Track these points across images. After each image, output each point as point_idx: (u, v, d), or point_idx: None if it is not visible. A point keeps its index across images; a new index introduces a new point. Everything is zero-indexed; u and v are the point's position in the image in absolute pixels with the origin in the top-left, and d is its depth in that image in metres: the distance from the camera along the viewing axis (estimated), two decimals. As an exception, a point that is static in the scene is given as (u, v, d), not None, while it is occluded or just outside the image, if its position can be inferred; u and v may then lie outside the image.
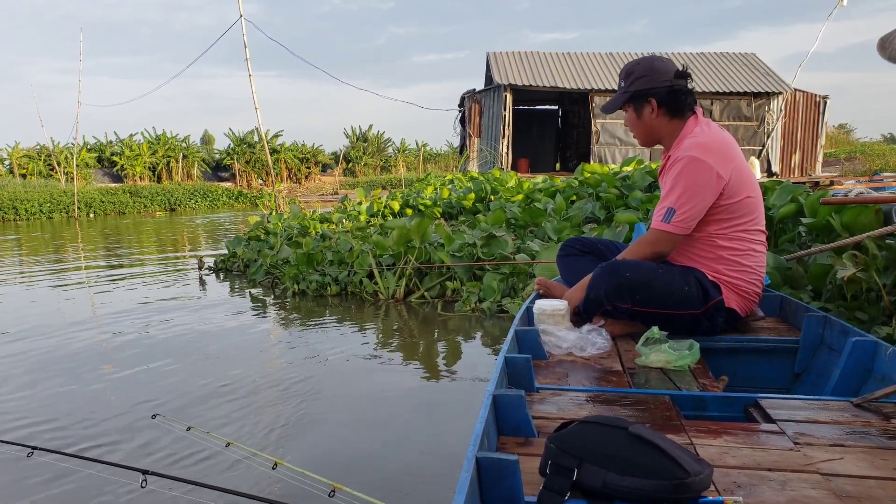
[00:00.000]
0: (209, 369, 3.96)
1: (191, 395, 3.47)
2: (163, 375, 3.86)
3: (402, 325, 5.29)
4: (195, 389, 3.57)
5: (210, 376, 3.79)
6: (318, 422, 3.07)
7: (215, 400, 3.39)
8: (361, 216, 10.21)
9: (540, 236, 6.44)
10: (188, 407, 3.30)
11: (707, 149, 2.21)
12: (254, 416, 3.16)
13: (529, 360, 1.77)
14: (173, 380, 3.77)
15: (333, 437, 2.89)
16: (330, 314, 5.69)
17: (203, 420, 3.10)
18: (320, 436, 2.91)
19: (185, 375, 3.85)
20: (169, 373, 3.91)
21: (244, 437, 2.89)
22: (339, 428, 3.00)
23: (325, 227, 9.47)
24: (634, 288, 2.20)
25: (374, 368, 3.91)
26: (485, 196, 9.40)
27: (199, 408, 3.28)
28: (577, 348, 2.16)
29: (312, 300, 6.25)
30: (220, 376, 3.79)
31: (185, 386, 3.65)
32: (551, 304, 2.30)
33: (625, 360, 2.08)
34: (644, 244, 2.32)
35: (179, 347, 4.50)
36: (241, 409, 3.26)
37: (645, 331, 2.16)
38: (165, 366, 4.07)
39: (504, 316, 5.12)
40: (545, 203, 7.45)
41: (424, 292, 5.92)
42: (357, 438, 2.86)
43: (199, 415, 3.17)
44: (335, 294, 6.36)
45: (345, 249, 6.87)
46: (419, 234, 6.01)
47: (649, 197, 6.31)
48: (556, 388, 1.81)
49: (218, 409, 3.25)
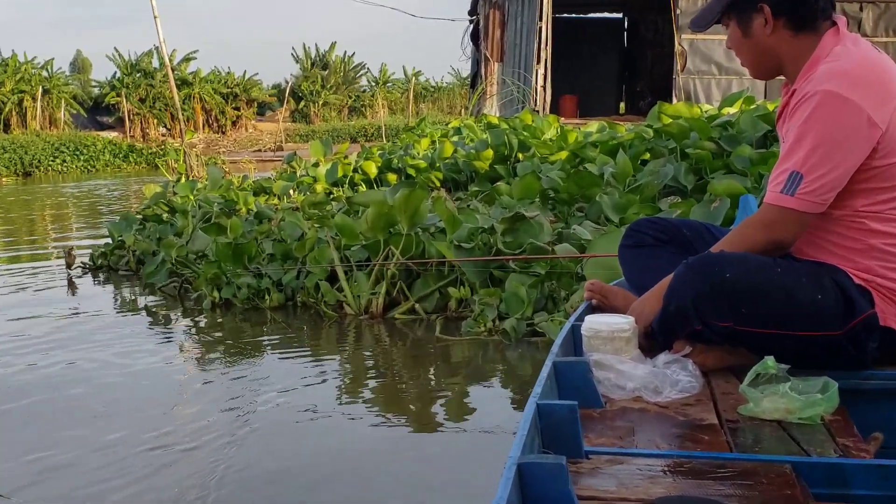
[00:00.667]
0: (70, 431, 3.92)
1: (36, 475, 3.43)
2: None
3: (381, 354, 5.28)
4: (42, 465, 3.51)
5: (69, 444, 3.74)
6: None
7: (77, 482, 3.35)
8: (318, 185, 10.22)
9: (593, 217, 6.43)
10: (31, 494, 3.27)
11: (853, 80, 2.19)
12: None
13: (576, 410, 1.76)
14: (5, 450, 3.71)
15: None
16: (269, 337, 5.69)
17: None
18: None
19: (30, 442, 3.79)
20: (4, 440, 3.86)
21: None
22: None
23: (262, 201, 9.48)
24: (739, 296, 2.19)
25: (333, 426, 3.92)
26: (509, 154, 9.40)
27: (50, 494, 3.25)
28: (649, 390, 2.15)
29: (242, 316, 6.28)
30: (90, 442, 3.75)
31: (25, 459, 3.57)
32: (610, 323, 2.29)
33: (723, 409, 2.07)
34: (754, 228, 2.30)
35: (25, 395, 4.47)
36: (119, 493, 3.24)
37: (754, 362, 2.15)
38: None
39: (537, 341, 5.13)
40: (601, 165, 7.44)
41: (415, 304, 5.93)
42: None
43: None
44: (277, 306, 6.39)
45: (292, 237, 6.87)
46: (407, 215, 6.01)
47: (763, 155, 6.29)
48: (617, 451, 1.80)
49: (78, 497, 3.22)
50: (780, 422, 1.97)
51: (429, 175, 9.58)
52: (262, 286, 6.49)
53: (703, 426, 1.97)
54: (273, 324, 5.98)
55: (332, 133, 37.13)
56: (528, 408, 1.78)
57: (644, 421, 2.01)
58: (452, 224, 5.98)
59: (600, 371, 2.19)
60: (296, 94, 46.38)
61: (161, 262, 7.57)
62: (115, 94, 40.57)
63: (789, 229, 2.26)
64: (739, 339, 2.27)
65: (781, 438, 1.89)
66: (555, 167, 7.85)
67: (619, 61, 23.58)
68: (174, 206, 9.05)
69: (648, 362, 2.25)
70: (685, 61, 18.39)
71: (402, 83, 49.74)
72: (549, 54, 18.90)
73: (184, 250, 7.39)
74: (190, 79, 41.68)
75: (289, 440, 3.72)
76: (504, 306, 5.42)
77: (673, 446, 1.86)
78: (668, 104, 8.50)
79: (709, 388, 2.23)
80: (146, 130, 40.08)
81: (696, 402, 2.12)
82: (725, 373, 2.32)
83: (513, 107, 18.97)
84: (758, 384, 2.05)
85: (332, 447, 3.64)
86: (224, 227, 7.35)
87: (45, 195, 19.78)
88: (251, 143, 38.70)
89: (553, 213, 6.76)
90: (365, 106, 48.48)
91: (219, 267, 6.65)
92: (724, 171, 6.51)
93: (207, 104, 42.00)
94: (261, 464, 3.46)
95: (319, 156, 11.63)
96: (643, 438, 1.91)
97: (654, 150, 7.56)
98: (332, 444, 3.67)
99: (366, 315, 5.96)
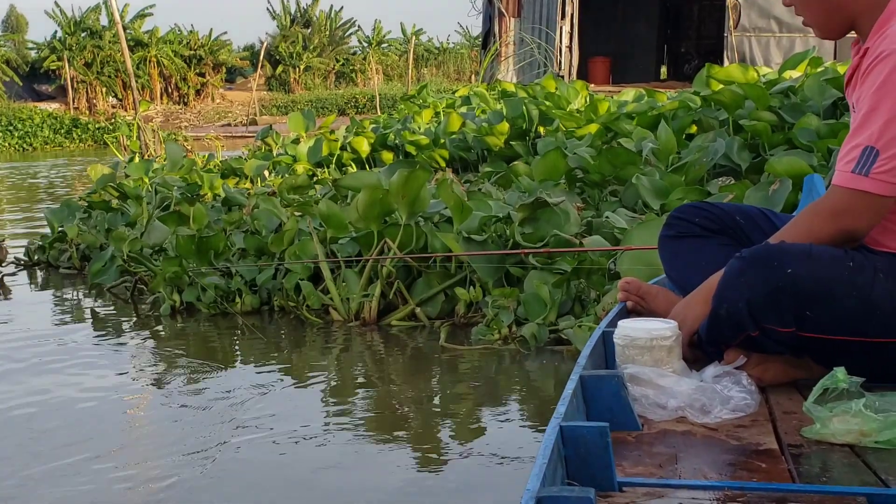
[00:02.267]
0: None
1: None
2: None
3: (375, 368, 5.29)
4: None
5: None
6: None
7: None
8: (299, 165, 10.23)
9: (628, 202, 6.44)
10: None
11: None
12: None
13: (607, 433, 1.76)
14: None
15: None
16: (240, 351, 5.70)
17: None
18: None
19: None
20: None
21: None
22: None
23: (231, 185, 9.49)
24: (803, 296, 2.20)
25: (319, 457, 3.92)
26: (528, 128, 9.40)
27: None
28: (695, 409, 2.16)
29: (208, 323, 6.30)
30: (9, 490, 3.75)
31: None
32: (648, 329, 2.30)
33: (784, 431, 2.07)
34: (821, 216, 2.31)
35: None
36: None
37: (821, 375, 2.15)
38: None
39: (561, 350, 5.14)
40: (639, 140, 7.44)
41: (415, 308, 5.94)
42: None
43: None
44: (250, 311, 6.40)
45: (268, 228, 6.88)
46: (406, 201, 6.02)
47: (832, 127, 6.28)
48: (656, 483, 1.80)
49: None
50: (853, 446, 1.97)
51: (432, 153, 9.59)
52: (231, 287, 6.50)
53: (759, 452, 1.98)
54: (245, 333, 5.98)
55: (316, 104, 37.25)
56: (549, 431, 1.78)
57: (689, 446, 2.02)
58: (460, 212, 5.98)
59: (637, 387, 2.20)
60: (272, 57, 46.43)
61: (110, 259, 7.58)
62: (55, 57, 40.72)
63: (863, 216, 2.26)
64: (804, 348, 2.28)
65: (855, 466, 1.89)
66: (583, 143, 7.84)
67: (659, 17, 23.54)
68: (126, 191, 9.05)
69: (694, 376, 2.26)
70: (739, 16, 18.36)
71: (400, 44, 49.84)
72: (575, 8, 18.90)
73: (137, 244, 7.38)
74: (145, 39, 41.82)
75: (268, 476, 3.72)
76: (522, 309, 5.42)
77: (724, 476, 1.86)
78: (718, 67, 8.47)
79: (767, 406, 2.23)
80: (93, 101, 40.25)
81: (751, 424, 2.13)
82: (787, 388, 2.32)
83: (532, 71, 18.98)
84: (826, 401, 2.05)
85: (319, 482, 3.64)
86: (186, 215, 7.37)
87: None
88: (219, 116, 38.83)
89: (581, 199, 6.76)
90: (355, 71, 48.62)
91: (180, 264, 6.65)
92: (785, 147, 6.50)
93: (166, 69, 42.13)
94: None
95: (300, 130, 11.64)
96: (688, 467, 1.91)
97: (701, 122, 7.56)
98: (318, 477, 3.67)
99: (357, 321, 5.97)
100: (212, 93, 43.60)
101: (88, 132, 32.26)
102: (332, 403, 4.67)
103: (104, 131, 30.48)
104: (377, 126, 11.64)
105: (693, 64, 21.33)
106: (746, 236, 2.67)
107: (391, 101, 32.55)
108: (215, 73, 44.02)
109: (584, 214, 6.13)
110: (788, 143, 6.55)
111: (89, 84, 40.33)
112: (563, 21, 18.75)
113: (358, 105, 37.62)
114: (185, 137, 19.48)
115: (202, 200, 8.44)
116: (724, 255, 2.42)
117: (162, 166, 10.62)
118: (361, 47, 50.77)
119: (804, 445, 2.00)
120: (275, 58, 46.45)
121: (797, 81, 7.58)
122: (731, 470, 1.90)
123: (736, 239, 2.68)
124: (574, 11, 18.80)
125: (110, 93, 40.80)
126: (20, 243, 9.27)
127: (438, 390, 4.90)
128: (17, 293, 7.62)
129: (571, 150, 7.49)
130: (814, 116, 6.65)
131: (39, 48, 42.86)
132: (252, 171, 10.36)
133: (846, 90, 2.42)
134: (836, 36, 2.44)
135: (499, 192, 7.10)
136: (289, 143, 11.56)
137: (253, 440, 4.06)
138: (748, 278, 2.24)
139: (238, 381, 5.01)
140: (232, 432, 4.17)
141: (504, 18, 19.69)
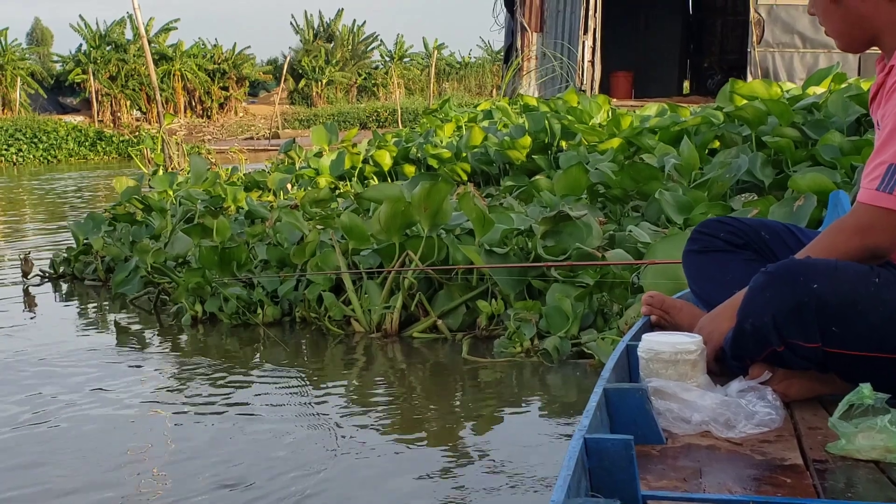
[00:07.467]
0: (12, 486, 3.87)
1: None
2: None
3: (396, 380, 5.29)
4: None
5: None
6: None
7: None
8: (321, 179, 10.25)
9: (651, 217, 6.43)
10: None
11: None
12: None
13: (631, 446, 1.76)
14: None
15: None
16: (262, 361, 5.71)
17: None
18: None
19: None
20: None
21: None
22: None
23: (254, 198, 9.52)
24: (829, 312, 2.19)
25: (340, 467, 3.92)
26: (550, 142, 9.41)
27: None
28: (719, 423, 2.15)
29: (229, 333, 6.32)
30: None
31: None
32: (672, 343, 2.30)
33: (809, 446, 2.07)
34: (845, 233, 2.31)
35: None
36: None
37: (846, 391, 2.14)
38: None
39: (584, 363, 5.14)
40: (661, 155, 7.43)
41: (437, 320, 5.94)
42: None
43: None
44: (272, 322, 6.42)
45: (290, 241, 6.90)
46: (428, 213, 6.03)
47: (856, 143, 6.25)
48: (680, 497, 1.80)
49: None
50: (878, 462, 1.97)
51: (454, 167, 9.60)
52: (253, 298, 6.52)
53: (784, 467, 1.97)
54: (267, 343, 6.00)
55: (339, 117, 37.27)
56: (573, 444, 1.78)
57: (713, 460, 2.01)
58: (482, 225, 5.98)
59: (661, 400, 2.20)
60: (295, 71, 46.58)
61: (134, 270, 7.62)
62: (80, 70, 40.92)
63: (887, 233, 2.25)
64: (829, 364, 2.27)
65: (879, 482, 1.88)
66: (605, 158, 7.84)
67: (682, 32, 23.49)
68: (150, 204, 9.11)
69: (719, 390, 2.26)
70: (762, 31, 18.33)
71: (422, 58, 49.90)
72: (598, 23, 18.91)
73: (161, 256, 7.44)
74: (169, 53, 42.00)
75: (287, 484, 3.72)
76: (545, 322, 5.42)
77: (748, 491, 1.86)
78: (741, 82, 8.47)
79: (792, 421, 2.23)
80: (117, 114, 40.42)
81: (776, 439, 2.12)
82: (812, 403, 2.32)
83: (554, 85, 18.99)
84: (851, 417, 2.04)
85: (338, 494, 3.64)
86: (209, 228, 7.38)
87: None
88: (242, 130, 38.93)
89: (603, 213, 6.75)
90: (377, 85, 48.67)
91: (202, 275, 6.67)
92: (808, 164, 6.47)
93: (190, 83, 42.29)
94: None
95: (323, 144, 11.69)
96: (712, 481, 1.90)
97: (724, 137, 7.54)
98: (337, 490, 3.67)
99: (378, 333, 5.98)
100: (235, 106, 43.74)
101: (113, 145, 32.37)
102: (352, 413, 4.67)
103: (128, 144, 30.61)
104: (399, 140, 11.66)
105: (716, 79, 21.27)
106: (771, 251, 2.66)
107: (413, 115, 32.58)
108: (238, 86, 44.15)
109: (606, 228, 6.11)
110: (812, 159, 6.53)
111: (114, 97, 40.51)
112: (586, 36, 18.75)
113: (380, 119, 37.66)
114: (209, 150, 19.54)
115: (225, 213, 8.47)
116: (749, 271, 2.42)
117: (186, 179, 10.66)
118: (383, 61, 50.85)
119: (829, 461, 2.00)
120: (297, 72, 46.60)
121: (821, 98, 7.56)
122: (755, 485, 1.89)
123: (761, 254, 2.67)
124: (597, 26, 18.81)
125: (134, 106, 40.98)
126: (45, 255, 9.32)
127: (461, 402, 4.89)
128: (42, 304, 7.66)
129: (593, 165, 7.49)
130: (837, 133, 6.63)
131: (64, 61, 43.08)
132: (275, 184, 10.39)
133: (870, 107, 2.41)
134: (857, 49, 2.44)
135: (520, 206, 7.10)
136: (311, 157, 11.58)
137: (271, 450, 4.07)
138: (773, 293, 2.23)
139: (260, 390, 5.03)
140: (251, 443, 4.18)
141: (526, 33, 19.71)
